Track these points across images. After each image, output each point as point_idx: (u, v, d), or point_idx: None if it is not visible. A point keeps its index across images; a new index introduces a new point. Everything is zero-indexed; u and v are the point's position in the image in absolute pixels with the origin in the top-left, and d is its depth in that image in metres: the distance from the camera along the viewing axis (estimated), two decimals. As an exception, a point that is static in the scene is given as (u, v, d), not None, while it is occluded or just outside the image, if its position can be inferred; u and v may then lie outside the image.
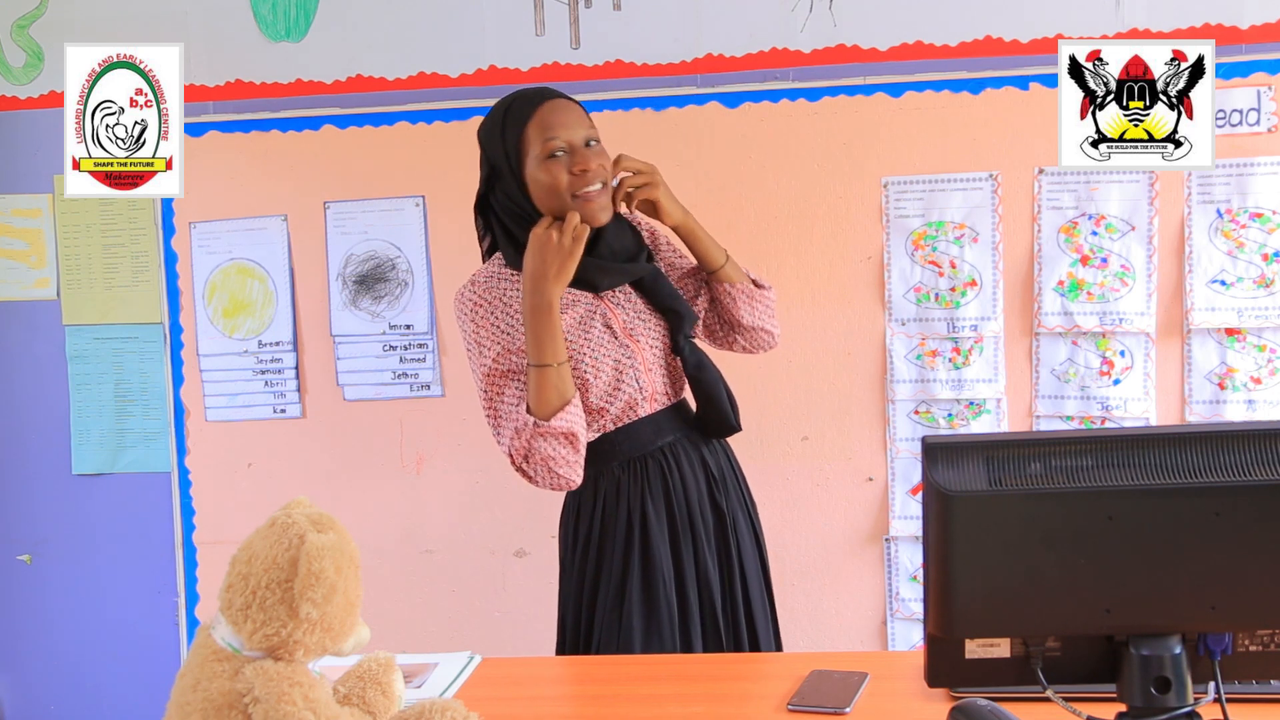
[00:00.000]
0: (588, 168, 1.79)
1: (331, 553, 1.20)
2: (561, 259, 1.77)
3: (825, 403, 2.66)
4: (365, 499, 2.78)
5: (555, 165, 1.79)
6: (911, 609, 2.65)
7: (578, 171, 1.79)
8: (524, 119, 1.82)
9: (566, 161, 1.79)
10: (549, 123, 1.80)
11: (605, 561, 1.89)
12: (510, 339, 1.83)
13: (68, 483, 2.88)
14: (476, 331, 1.85)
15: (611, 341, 1.87)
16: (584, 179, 1.79)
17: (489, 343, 1.84)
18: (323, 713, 1.20)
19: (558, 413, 1.77)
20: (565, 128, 1.80)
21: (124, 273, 2.83)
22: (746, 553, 1.96)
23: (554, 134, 1.79)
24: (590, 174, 1.79)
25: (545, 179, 1.80)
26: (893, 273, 2.63)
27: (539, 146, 1.80)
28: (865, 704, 1.42)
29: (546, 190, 1.80)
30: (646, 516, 1.87)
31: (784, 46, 2.63)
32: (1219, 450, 1.07)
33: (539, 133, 1.80)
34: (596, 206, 1.81)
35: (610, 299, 1.91)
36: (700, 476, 1.93)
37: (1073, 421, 2.58)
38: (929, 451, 1.11)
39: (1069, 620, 1.12)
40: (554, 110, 1.82)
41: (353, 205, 2.76)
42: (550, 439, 1.77)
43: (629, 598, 1.85)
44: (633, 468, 1.90)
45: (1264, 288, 2.52)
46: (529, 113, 1.82)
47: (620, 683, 1.59)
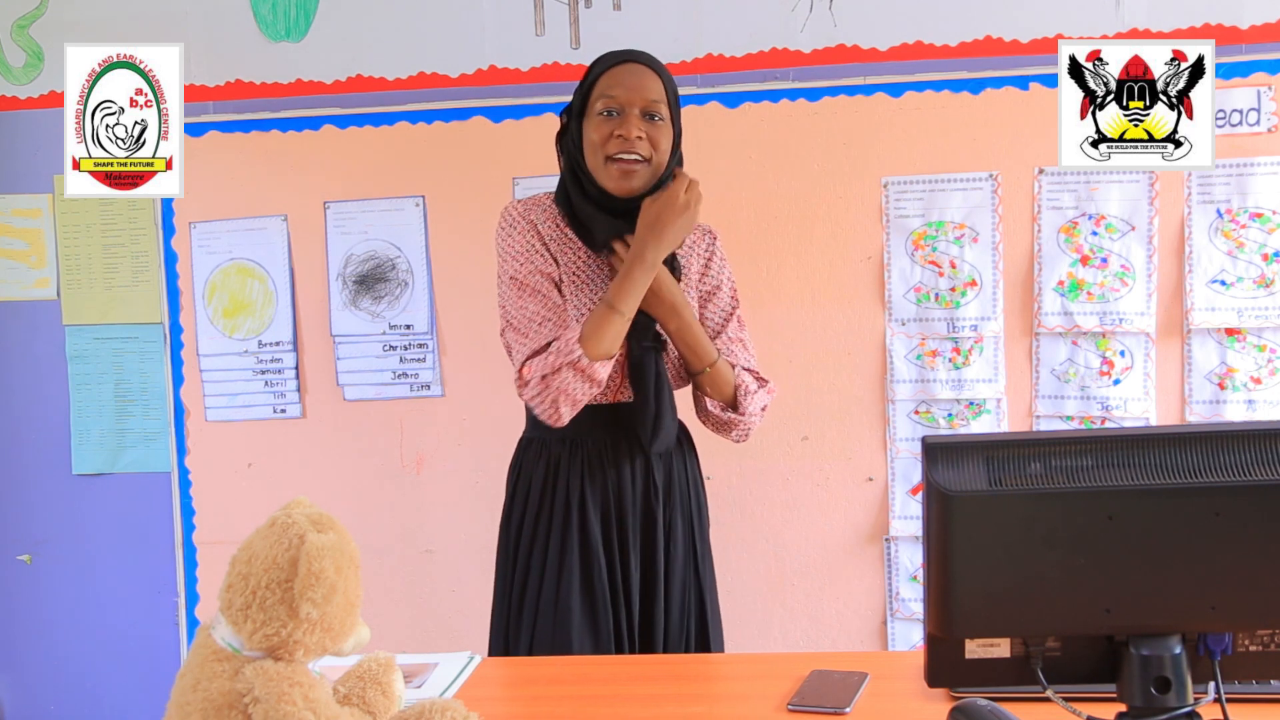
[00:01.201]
0: (628, 135, 1.81)
1: (331, 553, 1.20)
2: (675, 215, 1.80)
3: (825, 403, 2.66)
4: (365, 499, 2.78)
5: (603, 122, 1.83)
6: (911, 609, 2.65)
7: (619, 135, 1.81)
8: (599, 72, 1.86)
9: (614, 123, 1.82)
10: (614, 81, 1.84)
11: (541, 531, 1.91)
12: (535, 261, 1.87)
13: (68, 483, 2.88)
14: (510, 242, 1.90)
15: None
16: (620, 144, 1.81)
17: (520, 256, 1.88)
18: (323, 713, 1.20)
19: (603, 360, 1.78)
20: (626, 89, 1.83)
21: (124, 273, 2.83)
22: (675, 566, 1.93)
23: (613, 93, 1.83)
24: (628, 142, 1.81)
25: (591, 133, 1.84)
26: (893, 273, 2.63)
27: (599, 102, 1.84)
28: (865, 704, 1.42)
29: (591, 146, 1.85)
30: (585, 501, 1.89)
31: (784, 46, 2.63)
32: (1219, 450, 1.07)
33: (603, 88, 1.84)
34: (627, 174, 1.83)
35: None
36: (639, 481, 1.91)
37: (1073, 421, 2.58)
38: (929, 451, 1.11)
39: (1069, 620, 1.11)
40: (625, 72, 1.85)
41: (353, 205, 2.76)
42: (583, 378, 1.78)
43: (567, 576, 1.87)
44: (573, 449, 1.90)
45: (1264, 288, 2.52)
46: (604, 68, 1.86)
47: (620, 683, 1.59)
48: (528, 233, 1.89)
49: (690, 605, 1.96)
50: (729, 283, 2.01)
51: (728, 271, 2.02)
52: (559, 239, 1.90)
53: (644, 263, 1.80)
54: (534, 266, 1.87)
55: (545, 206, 1.93)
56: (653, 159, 1.84)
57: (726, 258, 2.03)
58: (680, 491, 1.96)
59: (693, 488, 1.99)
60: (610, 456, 1.90)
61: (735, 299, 2.01)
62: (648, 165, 1.84)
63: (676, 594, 1.94)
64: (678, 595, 1.94)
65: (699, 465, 2.05)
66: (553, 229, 1.91)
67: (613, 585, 1.90)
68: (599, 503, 1.89)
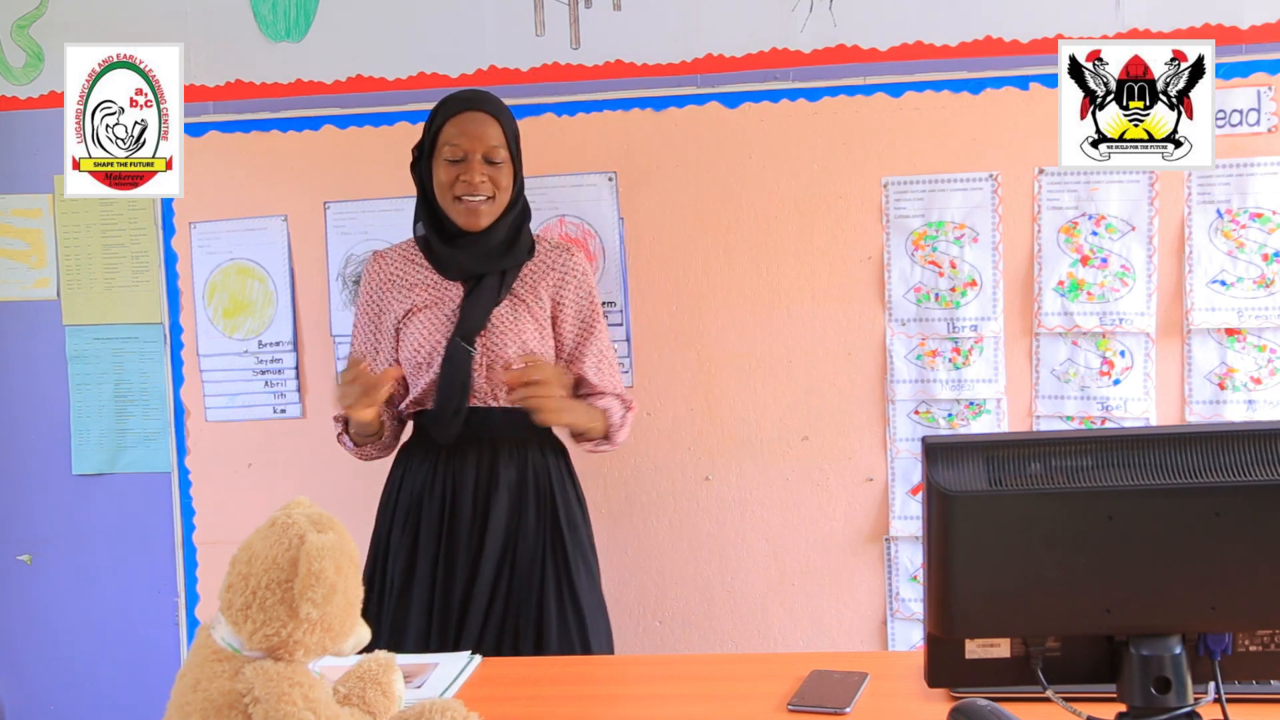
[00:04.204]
0: (472, 180, 2.12)
1: (331, 553, 1.20)
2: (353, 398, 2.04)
3: (825, 403, 2.66)
4: (365, 499, 2.77)
5: (449, 167, 2.14)
6: (911, 609, 2.65)
7: (463, 180, 2.12)
8: (444, 119, 2.16)
9: (460, 168, 2.12)
10: (457, 130, 2.14)
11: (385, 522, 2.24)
12: (377, 323, 2.25)
13: (68, 483, 2.88)
14: (360, 300, 2.31)
15: (446, 326, 2.15)
16: (466, 188, 2.13)
17: (362, 319, 2.29)
18: (323, 713, 1.20)
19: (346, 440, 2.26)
20: (469, 138, 2.13)
21: (124, 273, 2.83)
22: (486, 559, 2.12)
23: (458, 141, 2.13)
24: (473, 186, 2.12)
25: (442, 176, 2.15)
26: (893, 273, 2.63)
27: (445, 149, 2.14)
28: (865, 704, 1.42)
29: (440, 185, 2.16)
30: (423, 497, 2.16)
31: (784, 46, 2.63)
32: (1219, 450, 1.08)
33: (448, 136, 2.15)
34: (473, 214, 2.14)
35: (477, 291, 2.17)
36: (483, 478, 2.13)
37: (1073, 421, 2.58)
38: (929, 451, 1.11)
39: (1069, 620, 1.12)
40: (467, 120, 2.14)
41: (353, 205, 2.76)
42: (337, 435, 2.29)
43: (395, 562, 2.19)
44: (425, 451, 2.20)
45: (1264, 288, 2.52)
46: (449, 115, 2.16)
47: (620, 683, 1.59)
48: (370, 287, 2.27)
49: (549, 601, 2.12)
50: (582, 300, 2.24)
51: (584, 288, 2.26)
52: (410, 273, 2.24)
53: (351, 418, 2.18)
54: (368, 318, 2.27)
55: (404, 249, 2.28)
56: (496, 196, 2.15)
57: (587, 270, 2.29)
58: (536, 490, 2.16)
59: (556, 489, 2.18)
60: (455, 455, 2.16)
61: (592, 312, 2.26)
62: (492, 201, 2.15)
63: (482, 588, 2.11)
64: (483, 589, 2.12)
65: (566, 467, 2.24)
66: (404, 267, 2.25)
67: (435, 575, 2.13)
68: (437, 498, 2.15)
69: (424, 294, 2.19)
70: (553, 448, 2.23)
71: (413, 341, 2.17)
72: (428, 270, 2.22)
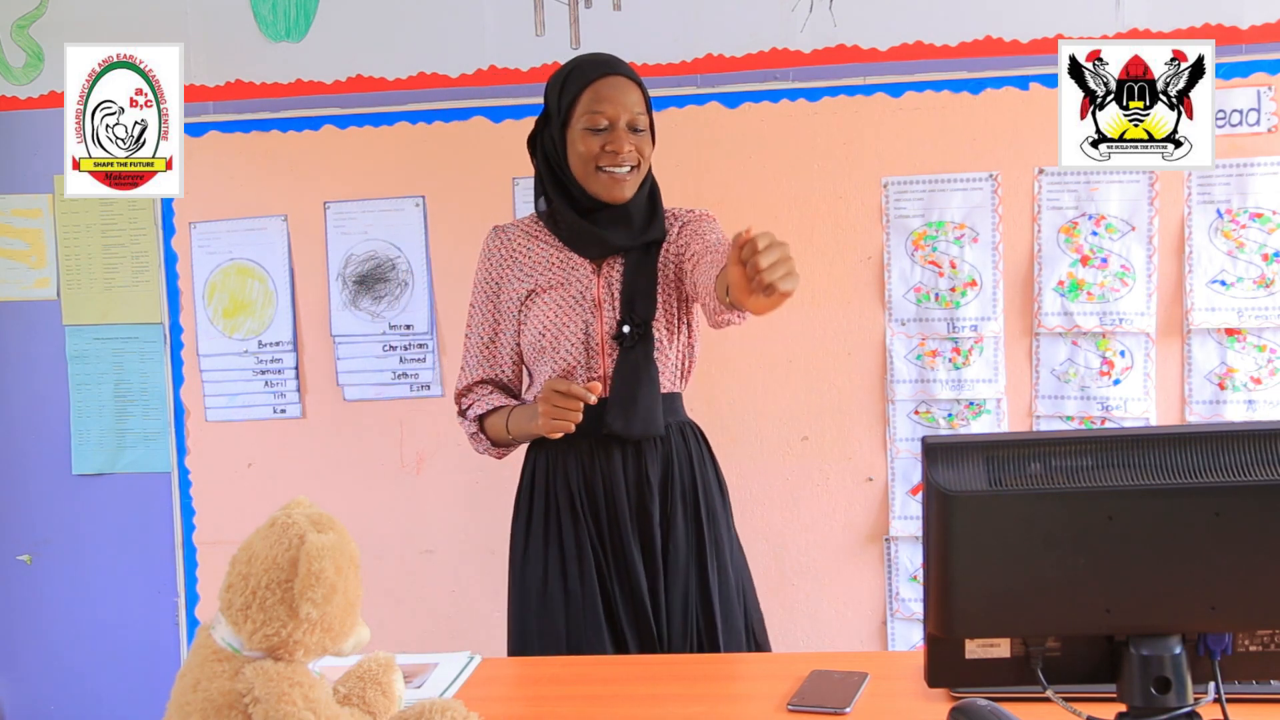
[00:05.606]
0: (619, 149, 1.93)
1: (331, 553, 1.20)
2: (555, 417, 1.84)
3: (825, 403, 2.66)
4: (365, 499, 2.78)
5: (593, 137, 1.94)
6: (911, 609, 2.65)
7: (610, 150, 1.93)
8: (582, 85, 1.95)
9: (604, 137, 1.93)
10: (600, 96, 1.94)
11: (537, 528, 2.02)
12: (488, 292, 2.05)
13: (68, 483, 2.88)
14: (478, 268, 2.09)
15: (576, 308, 1.97)
16: (613, 159, 1.93)
17: (478, 286, 2.08)
18: (323, 713, 1.20)
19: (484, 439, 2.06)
20: (613, 104, 1.93)
21: (124, 273, 2.83)
22: (677, 562, 1.96)
23: (601, 109, 1.93)
24: (620, 156, 1.93)
25: (581, 147, 1.95)
26: (893, 273, 2.63)
27: (586, 117, 1.94)
28: (865, 704, 1.42)
29: (579, 156, 1.95)
30: (577, 497, 1.97)
31: (784, 46, 2.63)
32: (1219, 450, 1.07)
33: (589, 103, 1.94)
34: (619, 185, 1.95)
35: (609, 270, 1.99)
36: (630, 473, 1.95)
37: (1073, 421, 2.58)
38: (929, 451, 1.11)
39: (1069, 620, 1.11)
40: (610, 85, 1.94)
41: (353, 205, 2.76)
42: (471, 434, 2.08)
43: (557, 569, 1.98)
44: (568, 445, 1.97)
45: (1264, 288, 2.52)
46: (588, 80, 1.95)
47: (620, 683, 1.59)
48: (489, 263, 2.06)
49: (693, 602, 1.96)
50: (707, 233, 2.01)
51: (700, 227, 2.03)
52: (534, 250, 2.04)
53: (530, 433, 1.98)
54: (485, 296, 2.06)
55: (523, 229, 2.07)
56: (640, 165, 1.97)
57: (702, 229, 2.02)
58: (683, 486, 1.98)
59: (700, 483, 2.01)
60: (602, 451, 1.96)
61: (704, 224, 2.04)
62: (636, 171, 1.97)
63: (679, 590, 1.95)
64: (679, 591, 1.95)
65: (711, 462, 2.06)
66: (526, 243, 2.05)
67: (605, 579, 1.95)
68: (589, 498, 1.96)
69: (548, 274, 2.00)
70: (697, 440, 2.06)
71: (537, 324, 1.99)
72: (552, 248, 2.02)
